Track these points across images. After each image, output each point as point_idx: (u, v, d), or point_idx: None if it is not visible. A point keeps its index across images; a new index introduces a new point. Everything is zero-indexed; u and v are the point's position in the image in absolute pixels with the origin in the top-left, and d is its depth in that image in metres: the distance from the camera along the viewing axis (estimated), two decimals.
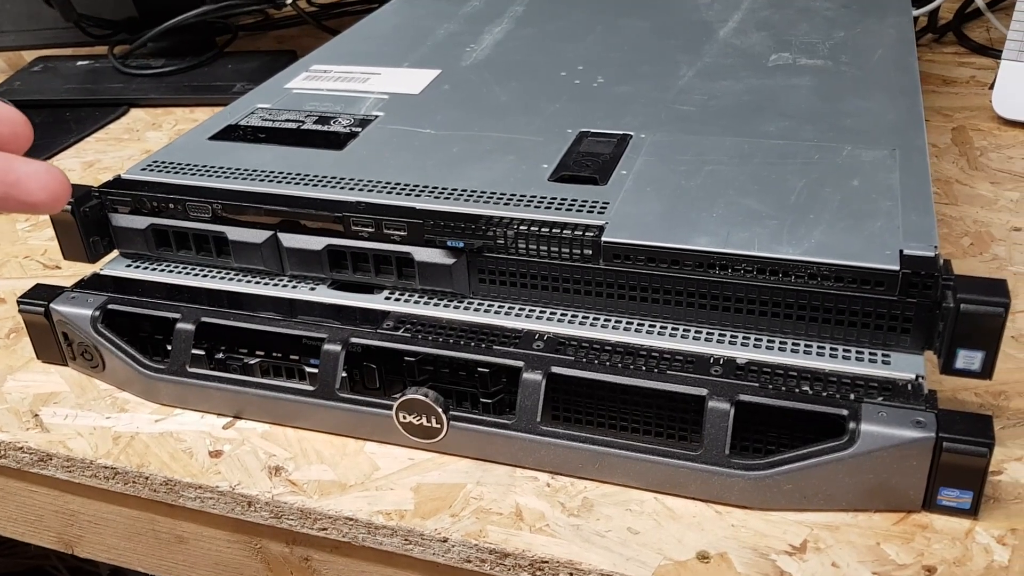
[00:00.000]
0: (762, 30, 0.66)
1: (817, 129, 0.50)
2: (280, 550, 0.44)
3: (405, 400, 0.41)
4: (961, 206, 0.59)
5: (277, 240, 0.47)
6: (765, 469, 0.37)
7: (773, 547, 0.37)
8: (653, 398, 0.40)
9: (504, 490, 0.40)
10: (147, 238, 0.50)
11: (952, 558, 0.36)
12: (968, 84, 0.78)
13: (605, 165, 0.48)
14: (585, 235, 0.42)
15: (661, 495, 0.39)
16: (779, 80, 0.57)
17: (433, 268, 0.45)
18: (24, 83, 0.92)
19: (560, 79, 0.60)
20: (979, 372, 0.37)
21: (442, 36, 0.70)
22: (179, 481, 0.43)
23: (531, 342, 0.42)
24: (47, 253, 0.63)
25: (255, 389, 0.45)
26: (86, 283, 0.49)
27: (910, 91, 0.55)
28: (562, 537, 0.38)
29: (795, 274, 0.39)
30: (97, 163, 0.76)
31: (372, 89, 0.60)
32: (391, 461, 0.42)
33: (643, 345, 0.41)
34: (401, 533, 0.39)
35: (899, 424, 0.36)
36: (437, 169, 0.49)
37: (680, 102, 0.55)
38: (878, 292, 0.39)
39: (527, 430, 0.40)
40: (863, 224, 0.41)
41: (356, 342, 0.43)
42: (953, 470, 0.36)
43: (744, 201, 0.44)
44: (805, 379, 0.39)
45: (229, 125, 0.56)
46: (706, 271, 0.40)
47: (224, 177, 0.50)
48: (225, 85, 0.86)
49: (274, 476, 0.42)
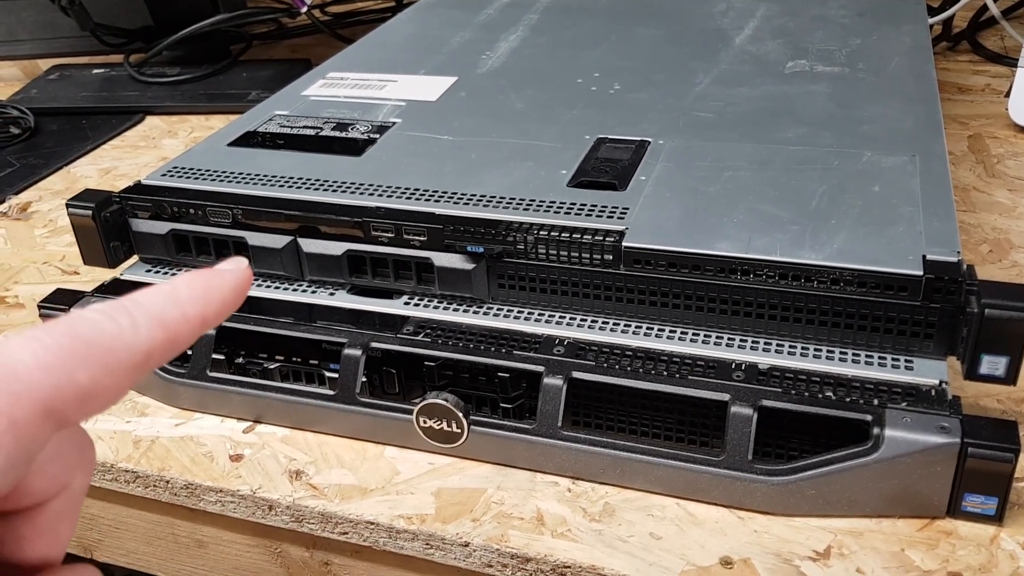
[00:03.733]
0: (778, 38, 0.66)
1: (835, 135, 0.50)
2: (300, 554, 0.44)
3: (425, 405, 0.41)
4: (979, 213, 0.59)
5: (297, 245, 0.47)
6: (788, 475, 0.37)
7: (797, 553, 0.36)
8: (674, 403, 0.40)
9: (525, 495, 0.40)
10: (167, 243, 0.50)
11: (977, 564, 0.36)
12: (983, 92, 0.78)
13: (624, 171, 0.48)
14: (605, 240, 0.42)
15: (683, 500, 0.39)
16: (796, 87, 0.57)
17: (453, 273, 0.45)
18: (40, 91, 0.92)
19: (576, 86, 0.60)
20: (1003, 378, 0.37)
21: (458, 44, 0.70)
22: (200, 485, 0.43)
23: (551, 347, 0.42)
24: (66, 259, 0.63)
25: (275, 393, 0.45)
26: (106, 288, 0.50)
27: (928, 98, 0.55)
28: (584, 542, 0.38)
29: (817, 279, 0.39)
30: (114, 170, 0.76)
31: (389, 96, 0.60)
32: (411, 465, 0.42)
33: (664, 350, 0.41)
34: (422, 537, 0.39)
35: (924, 430, 0.36)
36: (456, 175, 0.49)
37: (697, 109, 0.55)
38: (901, 297, 0.39)
39: (548, 435, 0.40)
40: (885, 229, 0.41)
41: (376, 347, 0.43)
42: (978, 476, 0.36)
43: (764, 206, 0.44)
44: (828, 384, 0.38)
45: (248, 131, 0.57)
46: (727, 276, 0.40)
47: (244, 183, 0.50)
48: (240, 93, 0.87)
49: (295, 480, 0.42)
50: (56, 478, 0.21)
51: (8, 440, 0.18)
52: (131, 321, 0.20)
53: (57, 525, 0.21)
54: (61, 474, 0.21)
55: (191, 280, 0.22)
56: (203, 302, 0.22)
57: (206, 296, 0.22)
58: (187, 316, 0.21)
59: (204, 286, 0.22)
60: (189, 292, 0.22)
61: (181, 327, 0.21)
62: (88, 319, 0.20)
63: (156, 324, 0.21)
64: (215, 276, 0.23)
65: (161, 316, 0.21)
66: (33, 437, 0.18)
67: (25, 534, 0.21)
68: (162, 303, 0.21)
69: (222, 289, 0.23)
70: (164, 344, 0.21)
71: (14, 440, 0.18)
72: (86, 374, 0.19)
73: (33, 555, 0.21)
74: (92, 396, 0.19)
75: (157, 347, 0.20)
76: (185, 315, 0.21)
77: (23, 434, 0.18)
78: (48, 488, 0.21)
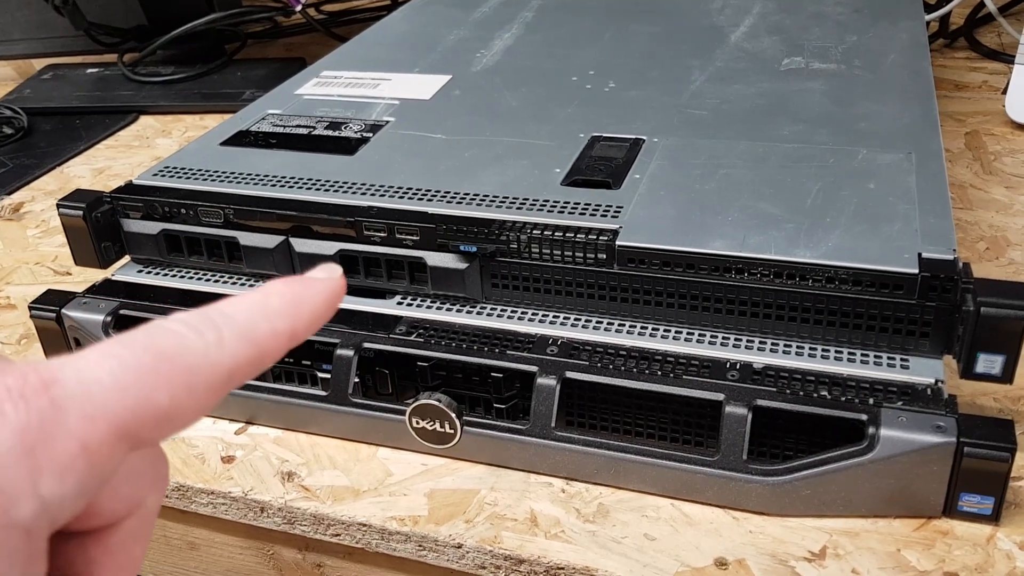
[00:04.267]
0: (774, 35, 0.66)
1: (831, 133, 0.50)
2: (293, 556, 0.43)
3: (418, 405, 0.41)
4: (976, 211, 0.59)
5: (289, 245, 0.47)
6: (783, 475, 0.37)
7: (792, 553, 0.36)
8: (669, 403, 0.39)
9: (518, 496, 0.40)
10: (159, 243, 0.50)
11: (974, 564, 0.35)
12: (980, 89, 0.78)
13: (618, 169, 0.48)
14: (599, 239, 0.41)
15: (677, 501, 0.39)
16: (792, 84, 0.57)
17: (446, 273, 0.44)
18: (34, 91, 0.92)
19: (571, 84, 0.60)
20: (999, 376, 0.37)
21: (452, 42, 0.69)
22: (191, 487, 0.42)
23: (545, 347, 0.42)
24: (57, 259, 0.63)
25: (267, 395, 0.44)
26: (98, 289, 0.49)
27: (924, 95, 0.54)
28: (578, 543, 0.37)
29: (812, 278, 0.39)
30: (107, 170, 0.76)
31: (383, 95, 0.60)
32: (404, 467, 0.42)
33: (658, 350, 0.41)
34: (415, 539, 0.39)
35: (919, 429, 0.36)
36: (449, 174, 0.49)
37: (692, 106, 0.55)
38: (896, 296, 0.38)
39: (541, 435, 0.40)
40: (880, 227, 0.41)
41: (369, 347, 0.43)
42: (974, 475, 0.36)
43: (759, 205, 0.43)
44: (823, 384, 0.38)
45: (240, 131, 0.56)
46: (722, 275, 0.40)
47: (236, 182, 0.50)
48: (234, 92, 0.87)
49: (287, 482, 0.42)
50: (129, 498, 0.20)
51: (80, 465, 0.17)
52: (218, 336, 0.19)
53: (129, 546, 0.20)
54: (134, 494, 0.20)
55: (282, 290, 0.21)
56: (294, 315, 0.20)
57: (297, 308, 0.20)
58: (276, 331, 0.20)
59: (295, 297, 0.21)
60: (280, 304, 0.20)
61: (270, 343, 0.20)
62: (172, 332, 0.18)
63: (244, 340, 0.19)
64: (307, 286, 0.21)
65: (250, 331, 0.19)
66: (107, 461, 0.17)
67: (95, 556, 0.20)
68: (251, 316, 0.20)
69: (314, 301, 0.21)
70: (251, 361, 0.19)
71: (87, 465, 0.17)
72: (166, 395, 0.18)
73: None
74: (171, 418, 0.18)
75: (242, 365, 0.19)
76: (275, 330, 0.20)
77: (96, 459, 0.17)
78: (120, 508, 0.20)
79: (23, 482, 0.16)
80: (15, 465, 0.16)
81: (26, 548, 0.16)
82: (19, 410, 0.16)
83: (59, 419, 0.17)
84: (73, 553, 0.20)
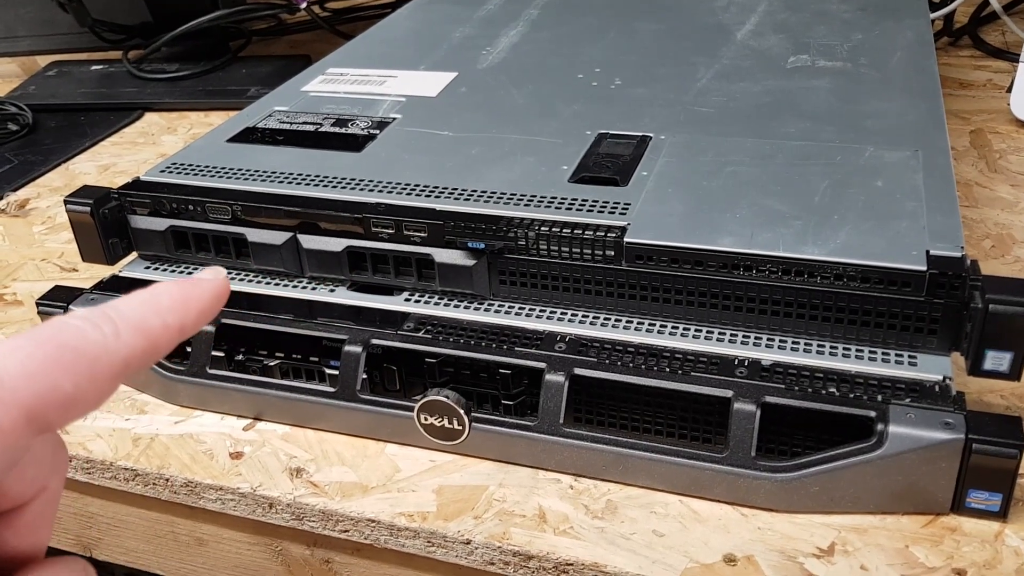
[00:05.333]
0: (779, 33, 0.66)
1: (838, 130, 0.50)
2: (301, 552, 0.44)
3: (426, 402, 0.41)
4: (982, 209, 0.59)
5: (296, 242, 0.47)
6: (792, 471, 0.37)
7: (800, 550, 0.36)
8: (677, 400, 0.39)
9: (527, 492, 0.40)
10: (166, 240, 0.50)
11: (982, 561, 0.35)
12: (985, 87, 0.78)
13: (625, 166, 0.48)
14: (607, 236, 0.41)
15: (686, 497, 0.39)
16: (798, 82, 0.57)
17: (453, 269, 0.44)
18: (39, 88, 0.92)
19: (577, 81, 0.60)
20: (1007, 373, 0.37)
21: (458, 39, 0.70)
22: (200, 483, 0.42)
23: (553, 343, 0.42)
24: (64, 256, 0.63)
25: (275, 391, 0.44)
26: (105, 285, 0.49)
27: (930, 93, 0.54)
28: (587, 539, 0.37)
29: (821, 275, 0.39)
30: (112, 167, 0.76)
31: (389, 92, 0.60)
32: (412, 463, 0.42)
33: (666, 346, 0.41)
34: (424, 535, 0.39)
35: (928, 426, 0.36)
36: (456, 171, 0.49)
37: (699, 104, 0.55)
38: (905, 293, 0.38)
39: (550, 432, 0.40)
40: (888, 225, 0.41)
41: (377, 343, 0.43)
42: (982, 472, 0.36)
43: (767, 202, 0.43)
44: (831, 380, 0.38)
45: (247, 127, 0.56)
46: (730, 272, 0.40)
47: (243, 179, 0.50)
48: (239, 89, 0.87)
49: (295, 478, 0.42)
50: (34, 481, 0.21)
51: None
52: (114, 329, 0.21)
53: (36, 528, 0.22)
54: (38, 477, 0.21)
55: (172, 289, 0.23)
56: (182, 311, 0.22)
57: (185, 305, 0.23)
58: (167, 324, 0.22)
59: (184, 295, 0.23)
60: (169, 301, 0.22)
61: (161, 335, 0.22)
62: (73, 327, 0.20)
63: (137, 332, 0.21)
64: (194, 285, 0.23)
65: (142, 324, 0.21)
66: (16, 443, 0.18)
67: (4, 537, 0.21)
68: (143, 311, 0.22)
69: (201, 298, 0.23)
70: (144, 352, 0.21)
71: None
72: (70, 382, 0.19)
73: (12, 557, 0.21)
74: (75, 403, 0.19)
75: (137, 355, 0.21)
76: (165, 324, 0.22)
77: (6, 440, 0.18)
78: (26, 491, 0.21)
79: None
80: None
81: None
82: None
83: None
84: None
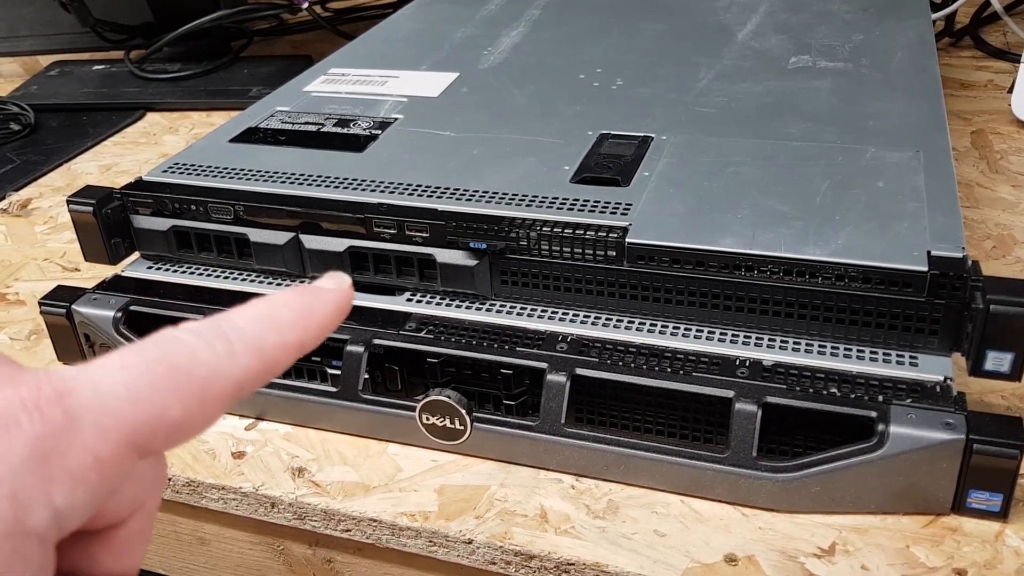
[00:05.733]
0: (781, 33, 0.66)
1: (839, 131, 0.50)
2: (303, 552, 0.44)
3: (428, 402, 0.41)
4: (983, 209, 0.59)
5: (299, 242, 0.47)
6: (793, 471, 0.37)
7: (801, 550, 0.36)
8: (678, 400, 0.39)
9: (528, 492, 0.40)
10: (168, 240, 0.50)
11: (983, 561, 0.35)
12: (986, 88, 0.78)
13: (627, 167, 0.48)
14: (609, 236, 0.42)
15: (687, 497, 0.39)
16: (799, 82, 0.57)
17: (455, 270, 0.45)
18: (41, 87, 0.92)
19: (578, 82, 0.60)
20: (1008, 374, 0.37)
21: (459, 39, 0.70)
22: (202, 482, 0.42)
23: (555, 344, 0.42)
24: (66, 255, 0.63)
25: (277, 390, 0.45)
26: (108, 285, 0.49)
27: (932, 93, 0.54)
28: (588, 539, 0.38)
29: (822, 275, 0.39)
30: (115, 166, 0.76)
31: (391, 92, 0.60)
32: (414, 463, 0.42)
33: (668, 347, 0.41)
34: (425, 535, 0.39)
35: (928, 426, 0.36)
36: (458, 171, 0.49)
37: (700, 104, 0.55)
38: (906, 293, 0.38)
39: (551, 432, 0.40)
40: (889, 225, 0.41)
41: (379, 343, 0.43)
42: (983, 472, 0.36)
43: (768, 202, 0.43)
44: (832, 381, 0.38)
45: (249, 128, 0.56)
46: (732, 272, 0.40)
47: (245, 179, 0.50)
48: (241, 89, 0.87)
49: (297, 477, 0.42)
50: (132, 500, 0.20)
51: (92, 476, 0.17)
52: (228, 348, 0.19)
53: (132, 546, 0.21)
54: (136, 496, 0.20)
55: (292, 300, 0.21)
56: (303, 327, 0.20)
57: (307, 320, 0.21)
58: (285, 343, 0.20)
59: (305, 309, 0.21)
60: (290, 316, 0.20)
61: (279, 355, 0.20)
62: (184, 344, 0.19)
63: (253, 352, 0.19)
64: (316, 296, 0.21)
65: (260, 343, 0.19)
66: (117, 472, 0.17)
67: (99, 556, 0.20)
68: (261, 328, 0.20)
69: (324, 311, 0.21)
70: (259, 373, 0.19)
71: (98, 476, 0.17)
72: (179, 407, 0.18)
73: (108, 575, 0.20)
74: (182, 429, 0.18)
75: (251, 377, 0.19)
76: (284, 343, 0.20)
77: (108, 470, 0.17)
78: (123, 511, 0.20)
79: (37, 492, 0.16)
80: (30, 475, 0.16)
81: (38, 554, 0.17)
82: (34, 421, 0.17)
83: (73, 430, 0.17)
84: (77, 553, 0.20)
